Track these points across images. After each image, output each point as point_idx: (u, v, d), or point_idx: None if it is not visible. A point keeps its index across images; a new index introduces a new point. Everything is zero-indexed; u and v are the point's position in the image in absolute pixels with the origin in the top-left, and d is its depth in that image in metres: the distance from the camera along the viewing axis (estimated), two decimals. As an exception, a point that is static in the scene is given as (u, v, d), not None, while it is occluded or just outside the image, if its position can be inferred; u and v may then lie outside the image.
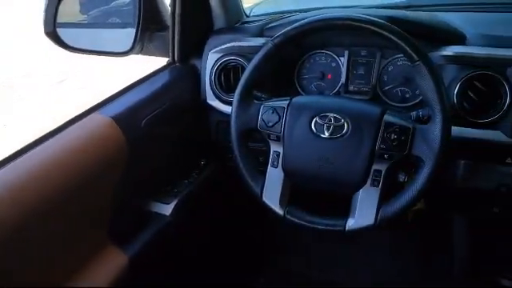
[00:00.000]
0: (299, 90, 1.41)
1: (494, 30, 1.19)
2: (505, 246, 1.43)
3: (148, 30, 1.46)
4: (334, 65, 1.37)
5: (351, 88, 1.36)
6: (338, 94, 1.35)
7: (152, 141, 1.23)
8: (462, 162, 1.21)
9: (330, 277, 1.86)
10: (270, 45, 1.09)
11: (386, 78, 1.32)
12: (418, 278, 1.78)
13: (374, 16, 1.07)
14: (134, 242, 1.20)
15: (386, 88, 1.32)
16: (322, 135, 1.05)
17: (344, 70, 1.34)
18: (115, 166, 1.12)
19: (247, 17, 1.59)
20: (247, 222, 1.79)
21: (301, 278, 1.87)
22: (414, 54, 0.98)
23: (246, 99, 1.12)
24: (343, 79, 1.34)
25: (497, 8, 1.40)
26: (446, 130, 0.97)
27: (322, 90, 1.39)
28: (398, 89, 1.30)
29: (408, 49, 0.98)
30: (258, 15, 1.62)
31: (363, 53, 1.34)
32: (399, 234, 1.96)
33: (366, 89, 1.33)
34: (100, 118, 1.13)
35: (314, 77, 1.39)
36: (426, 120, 1.01)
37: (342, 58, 1.35)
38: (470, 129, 1.13)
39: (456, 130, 1.12)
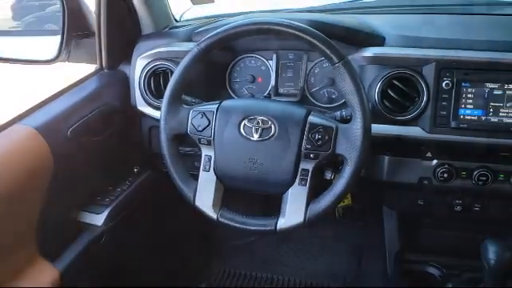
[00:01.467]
0: (231, 93, 1.42)
1: (412, 31, 1.25)
2: (431, 236, 1.51)
3: (74, 36, 1.42)
4: (263, 68, 1.40)
5: (281, 90, 1.39)
6: (268, 96, 1.38)
7: (80, 150, 1.20)
8: (387, 157, 1.26)
9: (270, 276, 1.89)
10: (195, 50, 1.09)
11: (313, 79, 1.36)
12: (353, 275, 1.85)
13: (297, 20, 1.10)
14: (64, 255, 1.16)
15: (314, 90, 1.36)
16: (251, 138, 1.07)
17: (273, 73, 1.37)
18: (41, 178, 1.08)
19: (177, 21, 1.58)
20: (185, 227, 1.78)
21: (242, 278, 1.89)
22: (333, 57, 1.02)
23: (175, 104, 1.12)
24: (273, 82, 1.37)
25: (414, 10, 1.47)
26: (366, 129, 1.01)
27: (253, 93, 1.41)
28: (325, 90, 1.35)
29: (328, 51, 1.02)
30: (188, 20, 1.62)
31: (291, 56, 1.37)
32: (338, 231, 2.03)
33: (295, 91, 1.37)
34: (23, 129, 1.10)
35: (245, 80, 1.41)
36: (348, 120, 1.05)
37: (270, 62, 1.38)
38: (391, 126, 1.18)
39: (379, 128, 1.18)
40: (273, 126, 1.06)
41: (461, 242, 1.24)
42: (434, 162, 1.23)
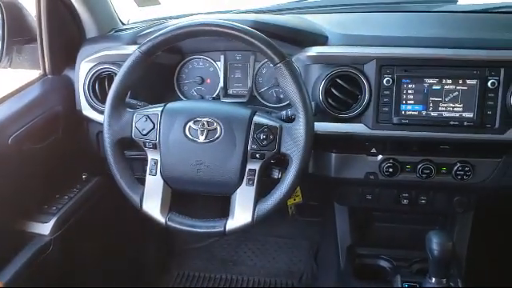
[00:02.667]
0: (180, 95, 1.42)
1: (353, 30, 1.27)
2: (383, 229, 1.55)
3: (16, 42, 1.38)
4: (211, 69, 1.40)
5: (230, 91, 1.40)
6: (218, 97, 1.38)
7: (22, 158, 1.17)
8: (334, 154, 1.28)
9: (229, 276, 1.89)
10: (137, 53, 1.08)
11: (261, 80, 1.37)
12: (309, 272, 1.88)
13: (241, 21, 1.10)
14: (8, 267, 1.13)
15: (262, 90, 1.37)
16: (197, 140, 1.06)
17: (221, 74, 1.38)
18: None
19: (124, 24, 1.56)
20: (140, 231, 1.76)
21: (201, 280, 1.89)
22: (274, 57, 1.02)
23: (118, 108, 1.10)
24: (222, 83, 1.38)
25: (356, 8, 1.51)
26: (308, 128, 1.02)
27: (202, 94, 1.41)
28: (273, 90, 1.36)
29: (269, 52, 1.03)
30: (135, 22, 1.60)
31: (238, 57, 1.38)
32: (295, 229, 2.05)
33: (244, 91, 1.38)
34: None
35: (193, 82, 1.41)
36: (293, 119, 1.06)
37: (218, 63, 1.38)
38: (336, 124, 1.20)
39: (324, 126, 1.20)
40: (218, 128, 1.06)
41: (410, 235, 1.27)
42: (379, 157, 1.26)
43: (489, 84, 1.11)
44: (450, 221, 1.47)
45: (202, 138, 1.06)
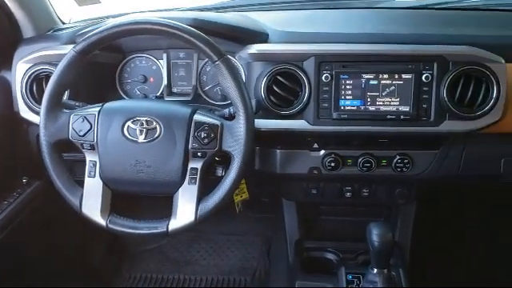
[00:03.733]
0: (123, 95, 1.39)
1: (293, 27, 1.29)
2: (330, 223, 1.58)
3: None
4: (154, 68, 1.38)
5: (175, 90, 1.38)
6: (161, 96, 1.37)
7: None
8: (278, 151, 1.29)
9: (182, 276, 1.88)
10: (72, 53, 1.05)
11: (205, 78, 1.36)
12: (262, 268, 1.89)
13: (181, 19, 1.10)
14: None
15: (207, 88, 1.37)
16: (137, 139, 1.05)
17: (165, 72, 1.36)
18: None
19: (64, 24, 1.52)
20: (86, 235, 1.72)
21: (154, 282, 1.87)
22: (212, 55, 1.02)
23: (54, 110, 1.07)
24: (165, 81, 1.36)
25: (297, 6, 1.53)
26: (248, 125, 1.03)
27: (146, 93, 1.39)
28: (218, 88, 1.36)
29: (207, 49, 1.02)
30: (76, 22, 1.56)
31: (181, 55, 1.37)
32: (249, 225, 2.06)
33: (188, 90, 1.37)
34: None
35: (136, 81, 1.39)
36: (235, 116, 1.07)
37: (161, 61, 1.37)
38: (279, 120, 1.21)
39: (267, 123, 1.21)
40: (158, 127, 1.05)
41: (356, 227, 1.30)
42: (322, 152, 1.28)
43: (423, 78, 1.15)
44: (393, 212, 1.51)
45: (141, 138, 1.05)
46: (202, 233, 2.05)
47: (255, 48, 1.21)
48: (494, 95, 1.14)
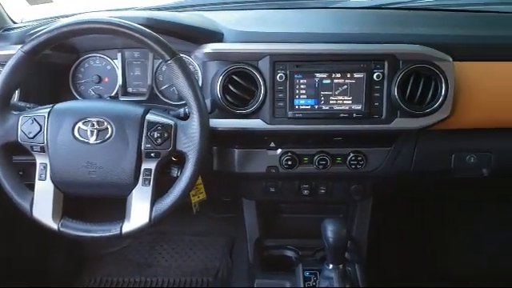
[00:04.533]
0: (77, 96, 1.37)
1: (248, 27, 1.29)
2: (290, 220, 1.59)
3: None
4: (109, 67, 1.36)
5: (130, 90, 1.37)
6: (116, 96, 1.35)
7: None
8: (236, 150, 1.30)
9: (143, 279, 1.86)
10: (19, 53, 1.03)
11: (161, 77, 1.35)
12: (225, 268, 1.89)
13: (134, 18, 1.09)
14: None
15: (163, 87, 1.35)
16: (88, 141, 1.03)
17: (119, 72, 1.35)
18: None
19: (15, 23, 1.48)
20: (45, 240, 1.68)
21: (115, 285, 1.84)
22: (165, 54, 1.02)
23: (2, 111, 1.05)
24: (120, 81, 1.35)
25: (253, 6, 1.53)
26: (203, 124, 1.02)
27: (101, 93, 1.37)
28: (174, 87, 1.35)
29: (159, 49, 1.02)
30: (28, 21, 1.51)
31: (136, 54, 1.35)
32: (212, 226, 2.06)
33: (144, 90, 1.36)
34: None
35: (90, 81, 1.36)
36: (189, 116, 1.06)
37: (115, 61, 1.35)
38: (235, 120, 1.20)
39: (223, 122, 1.21)
40: (109, 127, 1.04)
41: (315, 224, 1.31)
42: (279, 151, 1.29)
43: (374, 77, 1.17)
44: (351, 208, 1.54)
45: (92, 139, 1.04)
46: (164, 234, 2.03)
47: (210, 47, 1.21)
48: (443, 93, 1.17)
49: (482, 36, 1.30)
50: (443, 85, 1.17)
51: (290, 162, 1.28)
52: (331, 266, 1.16)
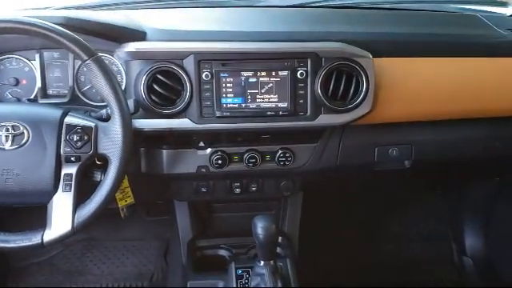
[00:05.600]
0: None
1: (172, 25, 1.27)
2: (223, 220, 1.59)
3: None
4: (27, 69, 1.29)
5: (50, 92, 1.31)
6: (35, 99, 1.28)
7: None
8: (164, 151, 1.28)
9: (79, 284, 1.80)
10: None
11: (82, 78, 1.30)
12: (159, 271, 1.86)
13: (52, 17, 1.04)
14: None
15: (85, 88, 1.30)
16: (3, 146, 0.98)
17: (38, 73, 1.28)
18: None
19: None
20: None
21: None
22: (82, 54, 0.98)
23: None
24: (39, 83, 1.28)
25: (177, 4, 1.51)
26: (125, 125, 1.00)
27: (19, 96, 1.30)
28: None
29: (76, 48, 0.98)
30: None
31: (56, 55, 1.30)
32: (145, 230, 2.02)
33: (65, 91, 1.30)
34: None
35: (7, 84, 1.29)
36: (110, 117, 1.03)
37: (34, 62, 1.29)
38: (161, 120, 1.18)
39: (149, 123, 1.18)
40: (26, 132, 0.99)
41: (248, 222, 1.32)
42: (209, 150, 1.28)
43: (298, 74, 1.19)
44: (283, 204, 1.56)
45: (7, 145, 0.98)
46: (95, 241, 1.96)
47: (133, 46, 1.18)
48: (364, 89, 1.21)
49: (398, 33, 1.36)
50: (364, 81, 1.20)
51: (220, 161, 1.27)
52: (262, 263, 1.17)
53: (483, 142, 1.40)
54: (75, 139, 0.99)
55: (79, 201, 1.02)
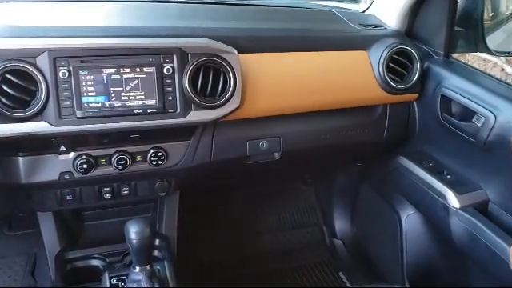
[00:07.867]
0: None
1: (22, 21, 1.16)
2: (96, 228, 1.50)
3: None
4: None
5: None
6: None
7: None
8: (20, 158, 1.16)
9: None
10: None
11: None
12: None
13: None
14: None
15: None
16: None
17: None
18: None
19: None
20: None
21: None
22: None
23: None
24: None
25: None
26: None
27: None
28: None
29: None
30: None
31: None
32: (2, 248, 1.83)
33: None
34: None
35: None
36: None
37: None
38: (13, 124, 1.06)
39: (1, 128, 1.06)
40: None
41: (121, 228, 1.25)
42: (71, 154, 1.19)
43: (164, 71, 1.15)
44: (159, 206, 1.52)
45: None
46: None
47: None
48: (232, 84, 1.21)
49: (262, 29, 1.39)
50: (231, 76, 1.21)
51: (85, 166, 1.19)
52: (138, 269, 1.13)
53: (344, 130, 1.50)
54: None
55: None
